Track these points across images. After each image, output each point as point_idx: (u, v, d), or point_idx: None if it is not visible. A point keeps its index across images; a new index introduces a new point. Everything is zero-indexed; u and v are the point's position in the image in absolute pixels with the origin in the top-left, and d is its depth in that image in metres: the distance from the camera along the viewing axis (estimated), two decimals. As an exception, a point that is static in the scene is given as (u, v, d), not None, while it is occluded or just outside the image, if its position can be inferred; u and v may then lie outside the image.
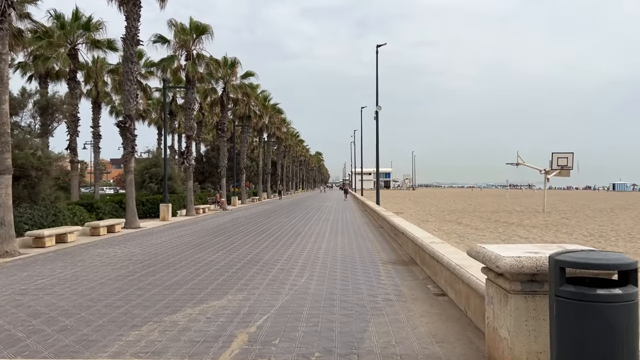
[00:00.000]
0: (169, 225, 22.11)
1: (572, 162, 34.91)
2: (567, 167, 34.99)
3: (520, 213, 34.14)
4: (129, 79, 20.29)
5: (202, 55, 28.68)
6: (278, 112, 58.63)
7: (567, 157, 34.98)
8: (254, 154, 64.70)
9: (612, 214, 34.41)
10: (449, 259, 7.81)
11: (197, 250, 13.78)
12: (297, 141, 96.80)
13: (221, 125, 38.17)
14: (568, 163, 34.87)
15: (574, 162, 34.52)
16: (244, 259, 12.02)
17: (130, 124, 20.23)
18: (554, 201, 58.08)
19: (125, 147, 20.43)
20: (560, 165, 34.95)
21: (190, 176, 28.26)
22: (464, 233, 19.78)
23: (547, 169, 36.18)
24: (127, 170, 20.51)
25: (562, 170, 35.39)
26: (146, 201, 27.15)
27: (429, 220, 26.46)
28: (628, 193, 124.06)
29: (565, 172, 35.95)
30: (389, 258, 12.15)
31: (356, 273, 10.10)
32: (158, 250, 13.83)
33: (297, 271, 10.34)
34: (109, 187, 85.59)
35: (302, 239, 16.41)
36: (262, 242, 15.55)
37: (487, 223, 24.96)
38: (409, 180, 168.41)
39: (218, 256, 12.56)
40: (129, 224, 20.18)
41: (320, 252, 13.30)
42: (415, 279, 9.50)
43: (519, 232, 20.51)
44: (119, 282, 9.26)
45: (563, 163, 34.93)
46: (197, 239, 16.62)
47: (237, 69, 36.36)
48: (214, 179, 44.44)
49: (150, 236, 17.56)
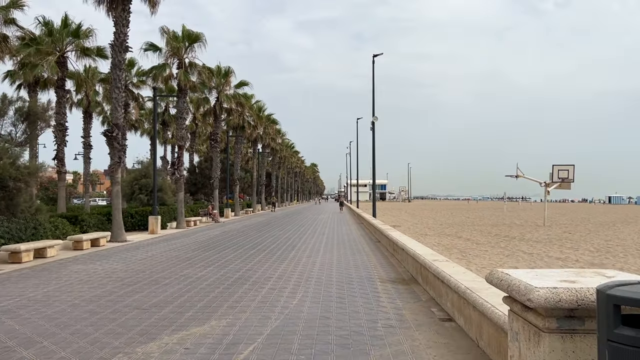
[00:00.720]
0: (157, 239, 21.27)
1: (572, 175, 34.29)
2: (568, 180, 34.37)
3: (520, 227, 33.43)
4: (117, 87, 19.56)
5: (195, 63, 28.02)
6: (273, 122, 57.97)
7: (568, 170, 34.32)
8: (248, 165, 63.94)
9: (615, 227, 33.75)
10: (457, 281, 7.05)
11: (184, 266, 12.97)
12: (292, 152, 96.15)
13: (214, 135, 37.42)
14: (569, 175, 34.23)
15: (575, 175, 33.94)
16: (234, 276, 11.23)
17: (118, 133, 19.46)
18: (553, 214, 57.50)
19: (112, 157, 19.64)
20: (561, 177, 34.34)
21: (181, 187, 27.45)
22: (465, 248, 19.03)
23: (547, 181, 35.57)
24: (113, 181, 19.70)
25: (562, 183, 34.81)
26: (135, 213, 26.30)
27: (427, 234, 25.71)
28: (624, 206, 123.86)
29: (565, 185, 35.35)
30: (388, 276, 11.38)
31: (353, 293, 9.32)
32: (142, 266, 13.01)
33: (290, 290, 9.56)
34: (102, 199, 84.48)
35: (296, 253, 15.62)
36: (255, 256, 14.76)
37: (487, 237, 24.23)
38: (405, 192, 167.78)
39: (206, 272, 11.76)
40: (115, 237, 19.34)
41: (315, 268, 12.52)
42: (418, 300, 8.73)
43: (522, 247, 19.78)
44: (93, 303, 8.44)
45: (564, 175, 34.27)
46: (186, 253, 15.81)
47: (230, 78, 35.72)
48: (207, 190, 43.62)
49: (136, 250, 16.73)
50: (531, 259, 15.65)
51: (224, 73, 35.36)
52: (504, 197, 79.48)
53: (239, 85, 37.71)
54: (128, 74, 36.70)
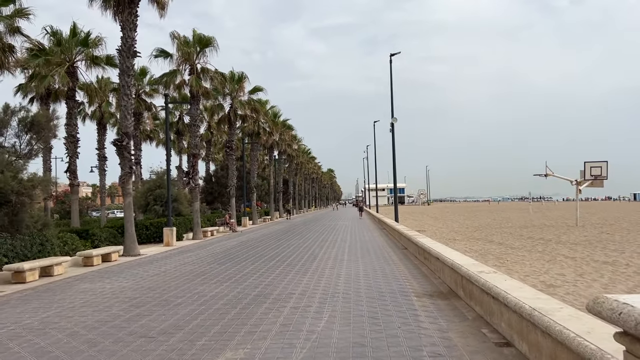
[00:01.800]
0: (172, 251, 20.35)
1: (606, 172, 32.62)
2: (601, 177, 32.71)
3: (552, 228, 31.85)
4: (126, 94, 18.74)
5: (207, 69, 27.19)
6: (288, 128, 57.05)
7: (601, 166, 32.63)
8: (265, 173, 63.11)
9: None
10: (518, 299, 5.89)
11: (199, 281, 11.97)
12: (308, 158, 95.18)
13: (229, 143, 36.56)
14: (602, 172, 32.56)
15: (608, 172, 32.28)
16: (252, 293, 10.19)
17: (128, 142, 18.62)
18: (582, 214, 55.56)
19: (123, 167, 18.80)
20: (593, 175, 32.69)
21: (196, 197, 26.58)
22: (500, 253, 17.74)
23: (579, 179, 33.95)
24: (125, 192, 18.85)
25: (594, 181, 33.17)
26: (150, 225, 25.49)
27: (456, 239, 24.42)
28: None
29: (598, 183, 33.67)
30: (422, 288, 10.24)
31: (387, 311, 8.21)
32: (153, 283, 12.04)
33: (315, 309, 8.48)
34: (120, 210, 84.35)
35: (318, 264, 14.54)
36: (274, 269, 13.71)
37: (520, 240, 22.85)
38: (424, 195, 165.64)
39: (222, 289, 10.74)
40: (127, 251, 18.46)
41: (341, 281, 11.42)
42: (463, 319, 7.58)
43: (562, 250, 18.43)
44: (94, 331, 7.44)
45: (597, 172, 32.62)
46: (201, 267, 14.82)
47: (244, 83, 34.84)
48: (224, 199, 42.78)
49: (150, 265, 15.79)
50: (576, 264, 14.35)
51: (237, 79, 34.52)
52: (529, 197, 77.25)
53: (253, 91, 36.89)
54: (140, 83, 36.15)
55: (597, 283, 11.21)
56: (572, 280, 11.69)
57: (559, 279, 11.77)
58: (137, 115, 36.34)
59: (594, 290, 10.29)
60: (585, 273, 12.72)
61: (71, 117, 26.51)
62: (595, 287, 10.76)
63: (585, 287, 10.68)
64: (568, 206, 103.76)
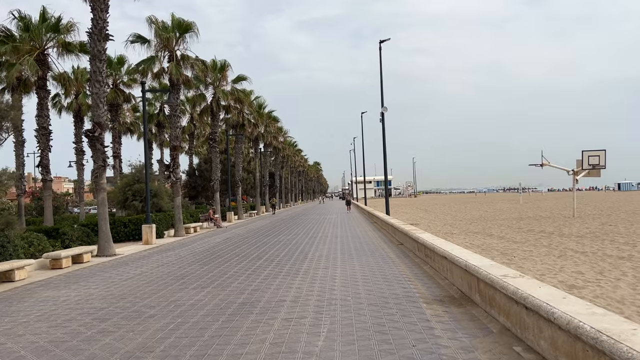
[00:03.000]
0: (151, 250, 18.97)
1: (604, 161, 31.69)
2: (599, 166, 31.80)
3: (548, 219, 30.86)
4: (98, 80, 17.24)
5: (187, 56, 25.67)
6: (274, 120, 55.54)
7: (599, 155, 31.71)
8: (251, 166, 61.62)
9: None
10: (570, 316, 4.69)
11: (177, 286, 10.66)
12: (295, 151, 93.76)
13: (212, 135, 35.07)
14: (600, 161, 31.65)
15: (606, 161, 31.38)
16: (237, 301, 8.92)
17: (101, 133, 17.15)
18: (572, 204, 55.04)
19: (96, 160, 17.33)
20: (591, 164, 31.76)
21: (178, 192, 25.13)
22: (504, 248, 16.62)
23: (576, 169, 33.04)
24: (98, 187, 17.40)
25: (591, 170, 32.27)
26: (129, 222, 24.03)
27: (453, 233, 23.31)
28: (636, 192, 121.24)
29: (595, 172, 32.79)
30: (430, 292, 9.05)
31: (395, 322, 7.00)
32: (126, 289, 10.70)
33: (311, 322, 7.24)
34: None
35: (309, 264, 13.30)
36: (261, 270, 12.45)
37: (520, 234, 21.79)
38: (411, 187, 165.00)
39: (203, 296, 9.46)
40: (102, 251, 17.06)
41: (336, 284, 10.20)
42: (487, 332, 6.40)
43: (568, 244, 17.37)
44: (43, 357, 6.12)
45: (595, 162, 31.69)
46: (181, 268, 13.50)
47: (227, 72, 33.32)
48: (208, 193, 41.32)
49: (125, 267, 14.43)
50: (590, 261, 13.28)
51: (220, 67, 32.99)
52: (520, 188, 76.55)
53: (237, 80, 35.31)
54: (118, 72, 34.48)
55: (623, 282, 10.14)
56: (594, 279, 10.61)
57: (578, 279, 10.67)
58: (114, 107, 34.72)
59: (625, 293, 9.21)
60: (605, 270, 11.64)
61: (42, 108, 24.89)
62: (623, 287, 9.68)
63: (613, 289, 9.59)
64: (555, 196, 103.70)
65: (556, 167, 34.88)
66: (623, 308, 8.07)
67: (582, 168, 32.39)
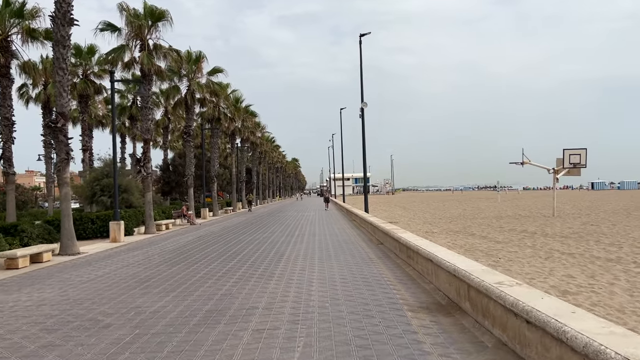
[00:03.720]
0: (118, 249, 17.97)
1: (585, 160, 31.52)
2: (579, 165, 31.65)
3: (529, 218, 30.54)
4: (61, 67, 16.16)
5: (160, 45, 24.55)
6: (252, 115, 54.44)
7: (580, 154, 31.51)
8: (227, 162, 60.46)
9: (633, 216, 30.99)
10: (588, 337, 4.02)
11: (140, 291, 9.80)
12: (273, 147, 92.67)
13: (187, 128, 33.95)
14: (581, 160, 31.50)
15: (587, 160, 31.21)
16: (204, 308, 8.12)
17: (64, 123, 16.07)
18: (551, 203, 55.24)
19: (59, 153, 16.25)
20: (572, 162, 31.59)
21: (149, 187, 24.04)
22: (488, 249, 16.05)
23: (556, 167, 32.83)
24: (61, 181, 16.31)
25: (572, 169, 32.12)
26: (96, 218, 22.90)
27: (434, 232, 22.76)
28: (609, 191, 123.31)
29: (575, 171, 32.66)
30: (415, 298, 8.37)
31: (379, 334, 6.30)
32: (84, 293, 9.79)
33: (285, 333, 6.50)
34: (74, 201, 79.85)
35: (285, 265, 12.54)
36: (234, 272, 11.64)
37: (503, 233, 21.32)
38: (389, 184, 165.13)
39: (167, 302, 8.63)
40: (64, 249, 16.02)
41: (314, 288, 9.46)
42: (482, 347, 5.74)
43: (553, 244, 16.91)
44: (-30, 379, 5.25)
45: (575, 160, 31.54)
46: (147, 269, 12.61)
47: (202, 64, 32.23)
48: (182, 189, 40.17)
49: (87, 267, 13.46)
50: (579, 263, 12.78)
51: (195, 59, 31.87)
52: (498, 186, 76.80)
53: (212, 72, 34.20)
54: (88, 63, 33.15)
55: (617, 288, 9.61)
56: (586, 284, 10.06)
57: (570, 283, 10.12)
58: (84, 98, 33.40)
59: (622, 300, 8.66)
60: (596, 274, 11.12)
61: (5, 98, 23.51)
62: (619, 293, 9.14)
63: (609, 295, 9.04)
64: (532, 195, 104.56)
65: (537, 166, 34.71)
66: (625, 318, 7.52)
67: (563, 167, 32.22)
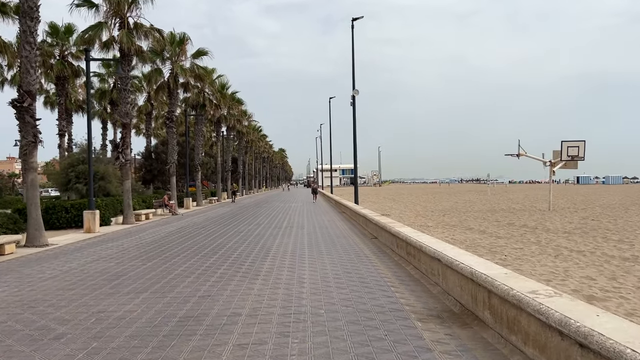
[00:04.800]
0: (92, 240, 16.67)
1: (583, 152, 30.70)
2: (577, 158, 30.83)
3: (524, 212, 29.60)
4: (28, 41, 14.78)
5: (140, 24, 23.08)
6: (238, 102, 52.89)
7: (578, 146, 30.67)
8: (213, 151, 58.96)
9: (632, 210, 30.26)
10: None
11: (107, 290, 8.60)
12: (259, 136, 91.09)
13: (169, 114, 32.50)
14: (579, 153, 30.69)
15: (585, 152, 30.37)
16: (178, 314, 6.96)
17: (31, 103, 14.70)
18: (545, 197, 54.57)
19: (25, 135, 14.87)
20: (570, 155, 30.76)
21: (127, 174, 22.67)
22: (490, 245, 15.06)
23: (553, 160, 31.99)
24: (27, 167, 14.96)
25: (568, 162, 31.31)
26: (71, 207, 21.51)
27: (429, 225, 21.73)
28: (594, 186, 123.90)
29: (572, 164, 31.89)
30: (422, 304, 7.28)
31: (387, 352, 5.19)
32: (42, 292, 8.56)
33: (273, 350, 5.38)
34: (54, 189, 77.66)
35: (272, 261, 11.39)
36: (215, 269, 10.47)
37: (501, 228, 20.35)
38: (377, 176, 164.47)
39: (135, 306, 7.45)
40: (31, 240, 14.72)
41: (305, 290, 8.34)
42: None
43: (559, 241, 15.96)
44: None
45: (574, 153, 30.71)
46: (120, 264, 11.38)
47: (186, 46, 30.74)
48: (164, 177, 38.73)
49: (52, 261, 12.18)
50: (593, 262, 11.80)
51: (178, 41, 30.36)
52: (488, 179, 76.23)
53: (197, 55, 32.67)
54: (66, 43, 31.55)
55: (647, 292, 8.65)
56: (610, 287, 9.08)
57: (593, 287, 9.12)
58: (61, 80, 31.85)
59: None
60: (617, 276, 10.15)
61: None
62: (651, 298, 8.18)
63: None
64: (519, 188, 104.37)
65: (532, 158, 33.85)
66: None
67: (560, 159, 31.37)
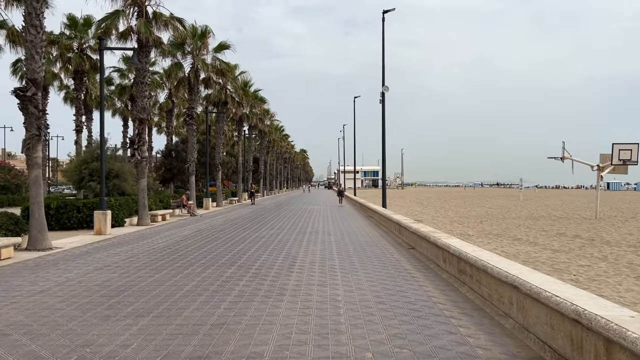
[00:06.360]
0: (100, 243, 15.28)
1: (636, 156, 28.24)
2: (630, 162, 28.45)
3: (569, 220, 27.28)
4: (34, 25, 13.46)
5: (160, 13, 21.76)
6: (261, 100, 51.51)
7: (631, 149, 28.29)
8: (234, 150, 57.71)
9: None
10: None
11: (102, 311, 7.10)
12: (281, 136, 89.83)
13: (190, 110, 31.19)
14: (632, 157, 28.26)
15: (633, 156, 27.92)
16: (182, 352, 5.40)
17: (35, 92, 13.36)
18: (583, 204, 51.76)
19: (29, 128, 13.52)
20: (622, 159, 28.41)
21: (143, 172, 21.32)
22: (549, 260, 13.19)
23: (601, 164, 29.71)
24: (31, 162, 13.63)
25: (617, 167, 29.08)
26: (83, 206, 20.27)
27: (469, 234, 19.88)
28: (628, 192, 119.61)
29: (622, 168, 29.65)
30: (500, 347, 5.59)
31: None
32: (22, 314, 7.08)
33: None
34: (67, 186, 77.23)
35: (299, 275, 9.77)
36: (232, 285, 8.91)
37: (551, 239, 18.28)
38: (400, 179, 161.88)
39: (131, 336, 5.92)
40: (33, 243, 13.39)
41: (342, 320, 6.68)
42: None
43: (628, 256, 13.93)
44: None
45: (626, 156, 28.34)
46: (124, 275, 9.89)
47: (208, 39, 29.38)
48: (184, 176, 37.49)
49: (50, 269, 10.76)
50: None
51: (200, 34, 29.03)
52: (520, 184, 73.31)
53: (219, 49, 31.28)
54: (84, 35, 30.52)
55: None
56: None
57: None
58: (79, 74, 30.83)
59: None
60: None
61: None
62: None
63: None
64: (550, 194, 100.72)
65: (578, 161, 31.63)
66: None
67: (611, 163, 29.03)
